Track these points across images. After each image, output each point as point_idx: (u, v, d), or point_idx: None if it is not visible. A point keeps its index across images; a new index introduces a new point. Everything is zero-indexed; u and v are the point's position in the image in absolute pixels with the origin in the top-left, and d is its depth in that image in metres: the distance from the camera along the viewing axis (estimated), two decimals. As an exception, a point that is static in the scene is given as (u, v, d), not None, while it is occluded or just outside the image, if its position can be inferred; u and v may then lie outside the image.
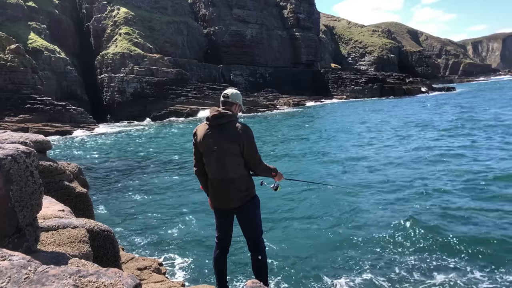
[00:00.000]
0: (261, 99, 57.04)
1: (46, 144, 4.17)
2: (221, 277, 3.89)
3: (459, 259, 5.95)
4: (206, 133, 3.55)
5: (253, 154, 3.54)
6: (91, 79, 53.52)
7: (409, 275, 5.53)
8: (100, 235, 2.87)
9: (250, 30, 71.07)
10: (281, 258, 6.27)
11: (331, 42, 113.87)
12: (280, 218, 8.30)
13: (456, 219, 7.56)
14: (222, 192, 3.57)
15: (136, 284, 1.48)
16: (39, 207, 2.04)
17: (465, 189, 9.58)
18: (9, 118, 33.77)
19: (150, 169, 15.56)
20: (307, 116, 40.73)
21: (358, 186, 10.67)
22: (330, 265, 5.98)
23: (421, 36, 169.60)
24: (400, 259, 6.04)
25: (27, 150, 1.97)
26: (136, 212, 9.46)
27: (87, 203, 4.39)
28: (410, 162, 13.32)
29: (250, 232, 3.67)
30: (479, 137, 17.47)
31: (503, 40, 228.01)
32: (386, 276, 5.52)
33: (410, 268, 5.74)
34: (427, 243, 6.54)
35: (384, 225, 7.47)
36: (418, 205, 8.54)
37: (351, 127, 26.36)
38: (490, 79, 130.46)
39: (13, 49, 36.59)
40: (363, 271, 5.72)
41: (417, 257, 6.09)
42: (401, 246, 6.52)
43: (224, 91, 3.78)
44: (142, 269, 4.23)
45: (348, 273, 5.71)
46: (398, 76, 78.36)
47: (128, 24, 57.15)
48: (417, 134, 20.11)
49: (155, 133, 32.13)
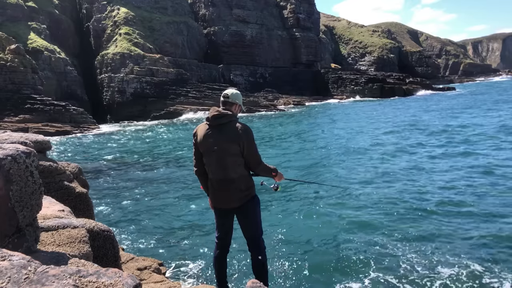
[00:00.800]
0: (261, 99, 57.03)
1: (46, 144, 4.17)
2: (221, 277, 3.89)
3: (461, 255, 5.95)
4: (206, 133, 3.55)
5: (253, 154, 3.54)
6: (91, 79, 53.50)
7: (413, 273, 5.53)
8: (100, 235, 2.87)
9: (250, 30, 71.06)
10: (281, 258, 6.27)
11: (331, 42, 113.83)
12: (281, 218, 8.30)
13: (459, 216, 7.57)
14: (222, 192, 3.58)
15: (136, 284, 1.48)
16: (39, 207, 2.04)
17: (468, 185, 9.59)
18: (9, 118, 33.76)
19: (150, 169, 15.56)
20: (310, 116, 40.73)
21: (359, 187, 10.67)
22: (330, 265, 5.98)
23: (421, 36, 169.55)
24: (403, 258, 6.04)
25: (27, 150, 1.97)
26: (136, 212, 9.45)
27: (87, 203, 4.38)
28: (413, 161, 13.33)
29: (250, 232, 3.67)
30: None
31: (503, 40, 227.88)
32: (388, 277, 5.52)
33: (413, 265, 5.74)
34: (429, 241, 6.54)
35: (384, 225, 7.47)
36: (419, 203, 8.54)
37: (356, 129, 26.37)
38: (489, 79, 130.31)
39: (13, 49, 36.59)
40: (363, 271, 5.72)
41: (419, 254, 6.08)
42: (403, 244, 6.52)
43: (224, 91, 3.78)
44: (142, 269, 4.23)
45: (348, 273, 5.71)
46: (398, 76, 78.31)
47: (128, 24, 57.14)
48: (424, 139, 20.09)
49: (155, 133, 32.12)
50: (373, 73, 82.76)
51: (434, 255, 6.11)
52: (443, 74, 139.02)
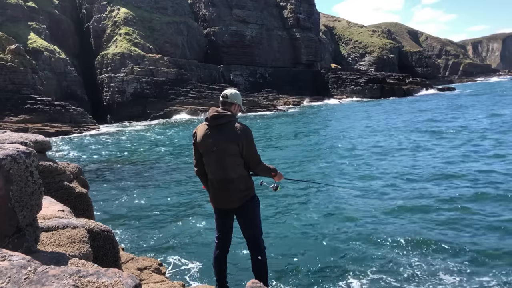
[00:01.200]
0: (261, 99, 57.04)
1: (46, 145, 4.17)
2: (221, 277, 3.89)
3: (461, 262, 5.94)
4: (205, 133, 3.55)
5: (252, 154, 3.54)
6: (91, 79, 53.50)
7: (414, 276, 5.53)
8: (100, 235, 2.87)
9: (250, 30, 71.06)
10: (281, 258, 6.27)
11: (331, 42, 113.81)
12: (280, 218, 8.30)
13: (460, 221, 7.56)
14: (222, 192, 3.58)
15: (136, 284, 1.48)
16: (39, 207, 2.04)
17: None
18: (9, 118, 33.76)
19: (150, 169, 15.56)
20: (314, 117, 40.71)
21: (359, 187, 10.67)
22: (330, 265, 5.98)
23: (421, 36, 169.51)
24: (403, 260, 6.03)
25: (27, 150, 1.97)
26: (136, 212, 9.45)
27: (87, 203, 4.38)
28: (414, 162, 13.32)
29: (249, 232, 3.67)
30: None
31: (503, 40, 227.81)
32: (389, 277, 5.52)
33: (414, 269, 5.74)
34: (429, 244, 6.54)
35: (385, 225, 7.47)
36: (421, 204, 8.54)
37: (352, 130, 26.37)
38: (489, 79, 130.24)
39: (13, 49, 36.59)
40: (363, 271, 5.72)
41: (419, 258, 6.08)
42: (402, 246, 6.52)
43: (223, 92, 3.78)
44: (142, 269, 4.22)
45: (348, 273, 5.71)
46: (398, 76, 78.31)
47: (128, 24, 57.14)
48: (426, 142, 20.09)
49: (155, 133, 32.13)
50: (373, 73, 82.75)
51: (436, 260, 6.10)
52: (443, 74, 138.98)
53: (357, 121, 30.66)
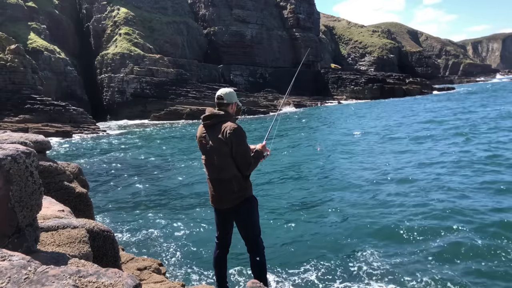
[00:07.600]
0: (261, 100, 57.02)
1: (46, 145, 4.17)
2: (221, 277, 3.89)
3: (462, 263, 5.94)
4: (201, 133, 3.59)
5: (242, 155, 3.45)
6: (91, 79, 53.52)
7: (413, 276, 5.53)
8: (100, 235, 2.87)
9: (250, 30, 71.04)
10: (281, 258, 6.27)
11: (331, 42, 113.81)
12: (280, 219, 8.30)
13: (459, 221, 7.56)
14: (217, 191, 3.58)
15: (136, 284, 1.48)
16: (39, 208, 2.04)
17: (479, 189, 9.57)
18: (9, 118, 33.75)
19: (150, 169, 15.55)
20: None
21: (359, 187, 10.66)
22: (330, 265, 5.98)
23: (421, 37, 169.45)
24: (403, 259, 6.04)
25: (27, 151, 1.97)
26: (136, 212, 9.45)
27: (87, 203, 4.38)
28: (413, 156, 13.32)
29: (246, 232, 3.66)
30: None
31: (503, 40, 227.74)
32: (389, 277, 5.52)
33: (415, 271, 5.73)
34: (427, 242, 6.54)
35: (385, 226, 7.47)
36: (423, 203, 8.54)
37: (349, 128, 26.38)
38: (489, 79, 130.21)
39: (13, 49, 36.57)
40: (362, 271, 5.72)
41: (417, 255, 6.08)
42: (401, 243, 6.52)
43: (217, 92, 3.70)
44: (142, 269, 4.22)
45: (348, 273, 5.71)
46: (398, 76, 78.33)
47: (128, 24, 57.14)
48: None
49: (155, 134, 32.12)
50: (373, 73, 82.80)
51: (437, 262, 6.10)
52: (443, 74, 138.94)
53: (357, 121, 30.62)
